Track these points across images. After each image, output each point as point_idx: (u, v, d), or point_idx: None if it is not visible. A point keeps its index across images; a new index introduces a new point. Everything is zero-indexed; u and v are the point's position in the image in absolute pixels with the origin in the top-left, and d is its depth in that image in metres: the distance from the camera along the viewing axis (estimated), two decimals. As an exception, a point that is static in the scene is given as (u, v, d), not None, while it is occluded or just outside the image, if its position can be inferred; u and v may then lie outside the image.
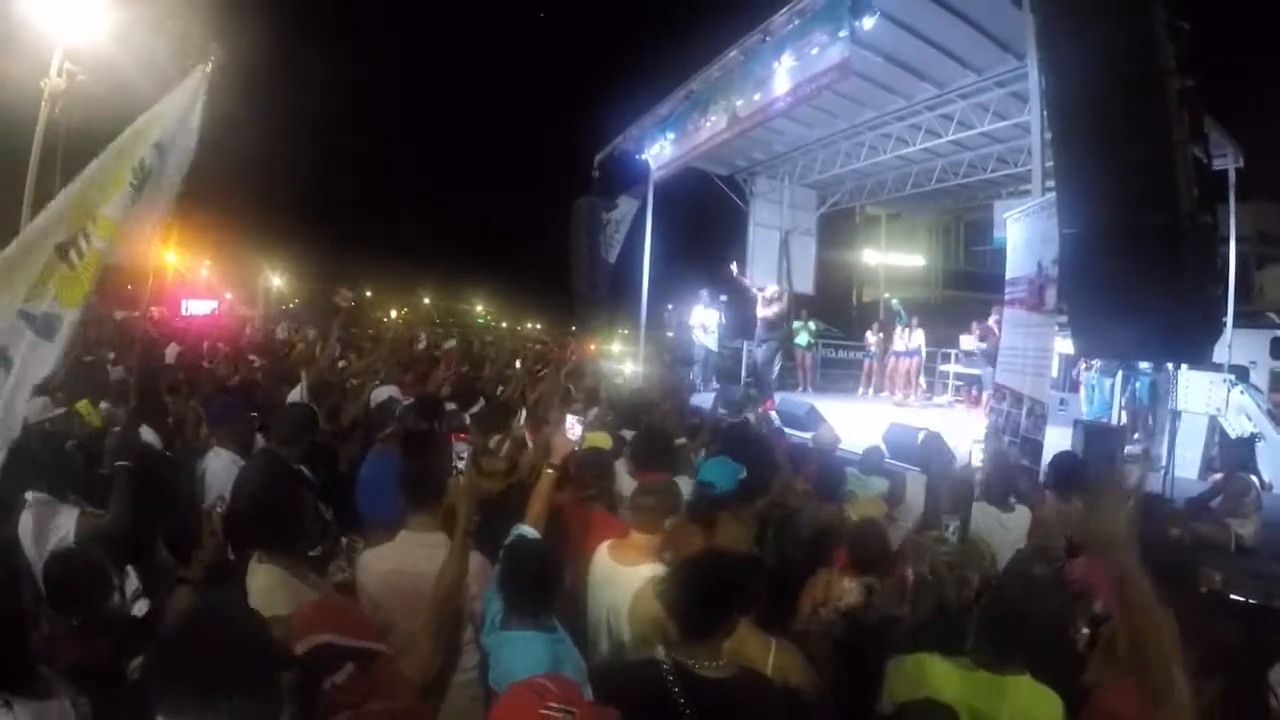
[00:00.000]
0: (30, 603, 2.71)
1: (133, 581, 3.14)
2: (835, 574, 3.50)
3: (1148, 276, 5.55)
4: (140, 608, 3.10)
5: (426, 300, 70.84)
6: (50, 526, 3.34)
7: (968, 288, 25.33)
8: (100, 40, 13.71)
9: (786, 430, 8.36)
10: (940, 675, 2.41)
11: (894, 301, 16.24)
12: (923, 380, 15.55)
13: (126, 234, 3.71)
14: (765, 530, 4.47)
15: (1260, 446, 8.98)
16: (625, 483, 4.47)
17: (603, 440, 5.00)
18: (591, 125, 23.18)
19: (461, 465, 3.03)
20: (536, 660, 2.63)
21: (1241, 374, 11.16)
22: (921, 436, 7.63)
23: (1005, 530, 4.66)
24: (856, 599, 3.32)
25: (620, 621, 3.13)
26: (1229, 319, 10.90)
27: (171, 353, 10.37)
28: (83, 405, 4.91)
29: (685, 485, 3.96)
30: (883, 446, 6.90)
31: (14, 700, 2.03)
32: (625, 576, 3.17)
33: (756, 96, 11.75)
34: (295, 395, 6.44)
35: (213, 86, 4.19)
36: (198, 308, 18.30)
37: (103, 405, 4.99)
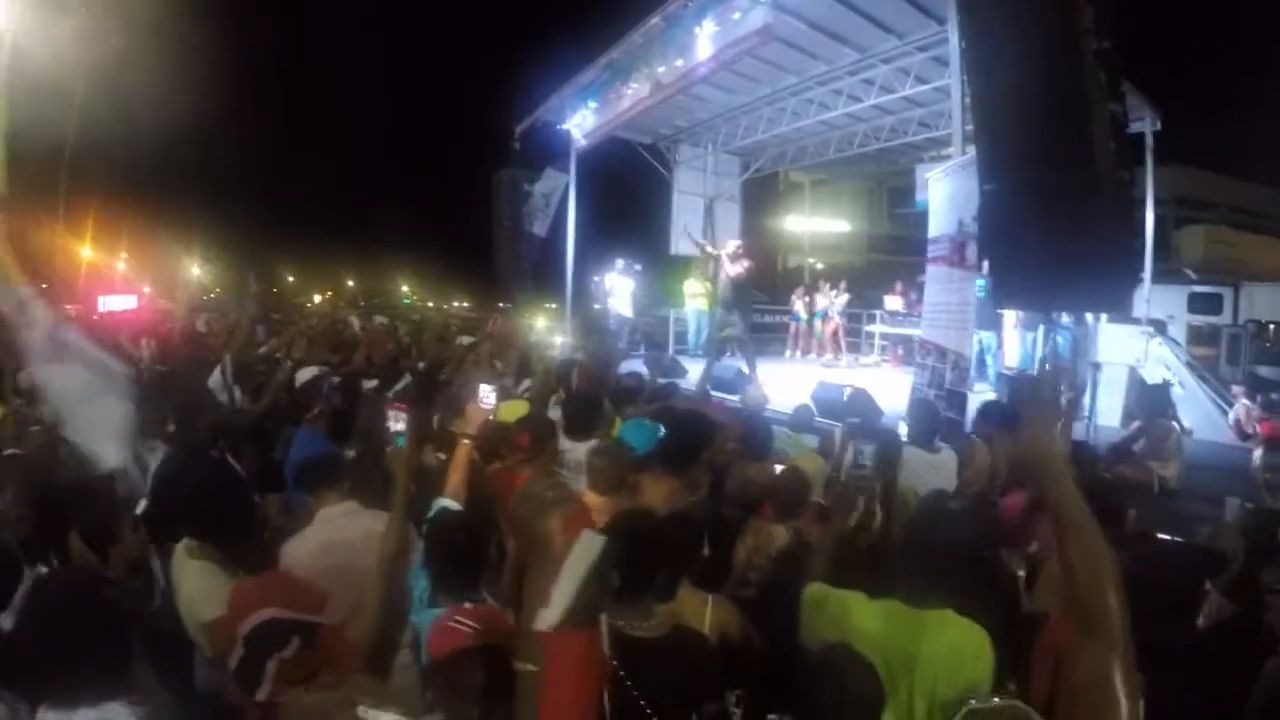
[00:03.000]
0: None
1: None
2: (763, 523, 3.55)
3: (1066, 230, 5.70)
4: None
5: (350, 283, 69.47)
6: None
7: (892, 251, 25.69)
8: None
9: (715, 393, 8.42)
10: (862, 614, 2.43)
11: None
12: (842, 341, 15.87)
13: None
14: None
15: (1180, 395, 9.37)
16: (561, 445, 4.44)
17: (520, 409, 4.97)
18: (511, 96, 22.91)
19: (396, 433, 2.96)
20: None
21: (1160, 327, 11.63)
22: (848, 393, 7.78)
23: (935, 471, 4.77)
24: (785, 543, 3.37)
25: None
26: (1147, 275, 11.33)
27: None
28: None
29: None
30: (811, 405, 7.01)
31: None
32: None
33: (679, 63, 11.71)
34: (215, 380, 6.27)
35: (121, 72, 4.00)
36: (116, 303, 17.51)
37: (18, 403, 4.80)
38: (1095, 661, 1.51)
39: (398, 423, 2.96)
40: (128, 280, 18.31)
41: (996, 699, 1.98)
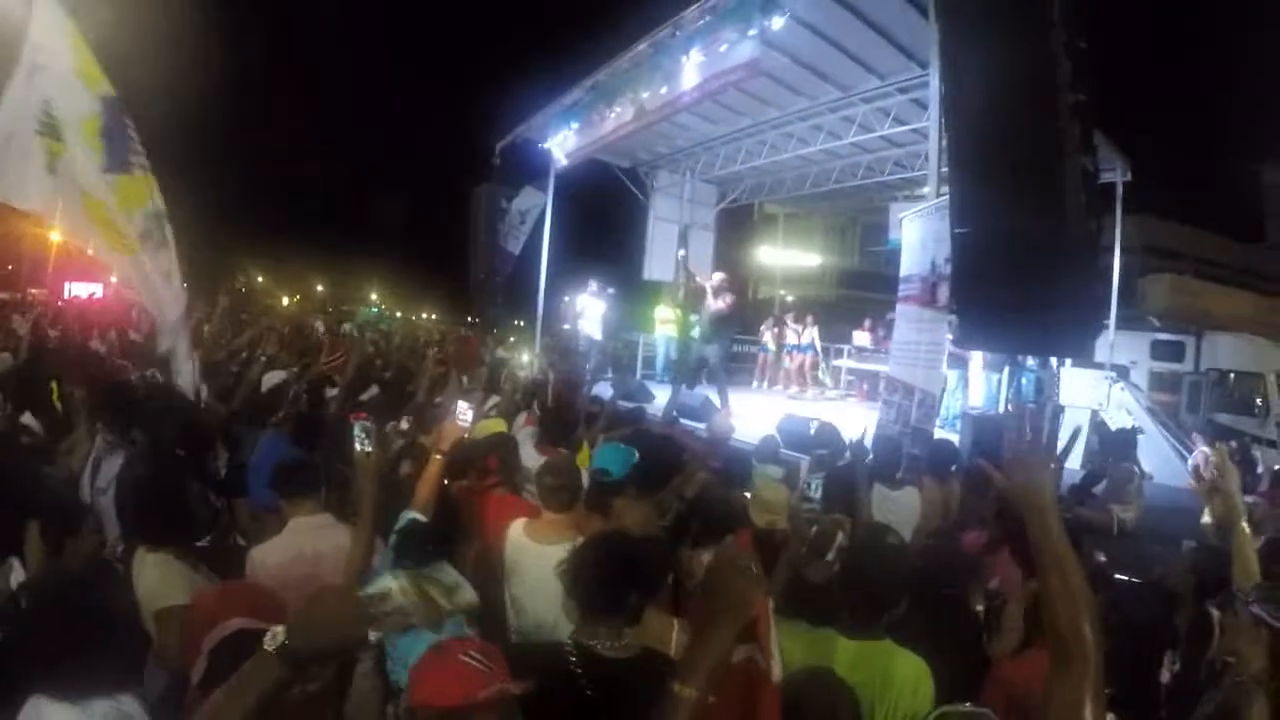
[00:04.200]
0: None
1: (19, 573, 2.99)
2: (690, 550, 3.58)
3: (1033, 276, 5.83)
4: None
5: (320, 287, 68.86)
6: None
7: (861, 287, 25.97)
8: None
9: (682, 420, 8.47)
10: (797, 643, 2.48)
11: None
12: (823, 375, 16.01)
13: None
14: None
15: (1141, 440, 9.58)
16: (530, 461, 4.47)
17: (497, 426, 5.00)
18: (493, 112, 22.98)
19: (362, 445, 2.97)
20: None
21: (1122, 372, 11.89)
22: (815, 426, 7.86)
23: (897, 507, 4.86)
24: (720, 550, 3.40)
25: (542, 599, 3.13)
26: (1112, 322, 11.57)
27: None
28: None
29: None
30: (777, 436, 7.08)
31: None
32: (543, 554, 3.17)
33: (663, 90, 11.78)
34: (185, 378, 6.23)
35: (105, 57, 3.99)
36: (81, 290, 17.24)
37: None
38: (1070, 689, 1.57)
39: (362, 432, 2.97)
40: (95, 267, 18.01)
41: (969, 704, 2.04)
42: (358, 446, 2.97)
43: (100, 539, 3.32)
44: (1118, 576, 4.06)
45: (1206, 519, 5.13)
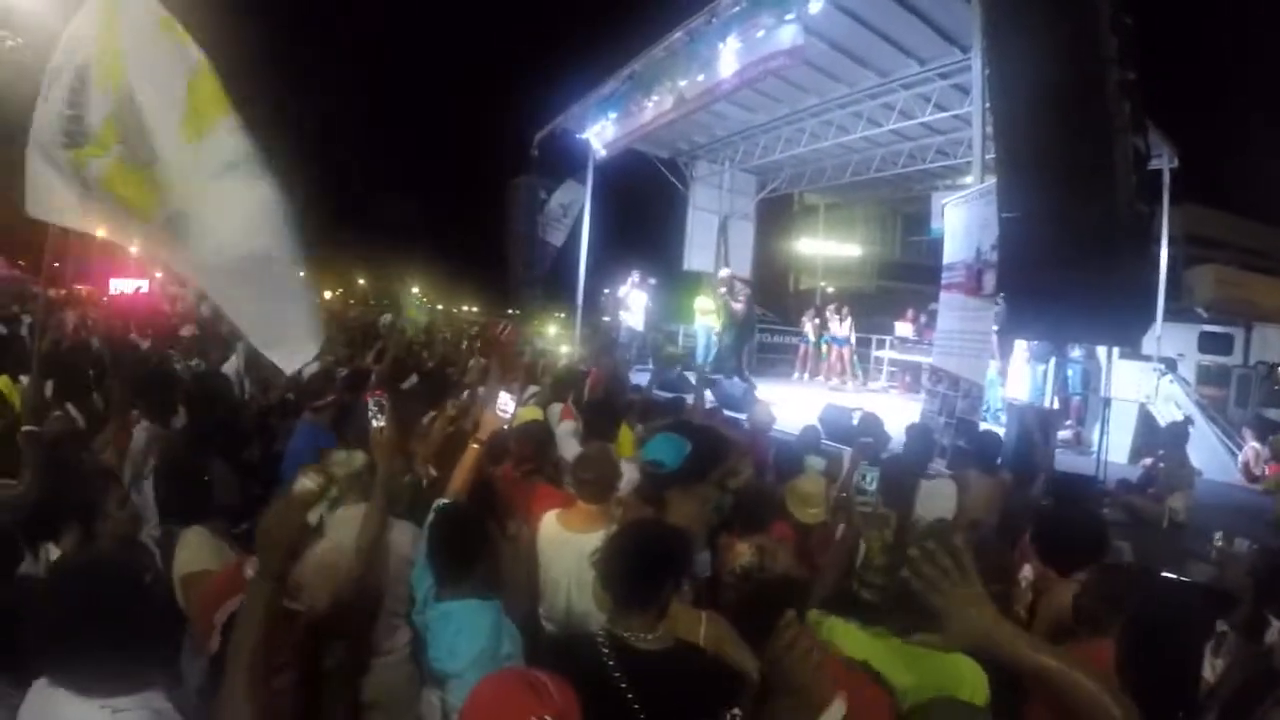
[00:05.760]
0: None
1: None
2: (730, 539, 3.57)
3: (1084, 261, 5.66)
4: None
5: (361, 281, 69.42)
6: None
7: (902, 278, 25.76)
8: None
9: (725, 410, 8.40)
10: (852, 642, 2.38)
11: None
12: (855, 367, 15.85)
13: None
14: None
15: (1190, 434, 9.33)
16: (572, 452, 4.43)
17: (534, 414, 4.96)
18: (532, 104, 22.88)
19: (375, 420, 2.97)
20: (486, 630, 2.60)
21: (1170, 365, 11.58)
22: (858, 417, 7.74)
23: (931, 498, 4.72)
24: (749, 560, 3.36)
25: (575, 588, 3.11)
26: (1159, 313, 11.29)
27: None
28: (2, 382, 4.70)
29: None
30: (819, 426, 6.97)
31: None
32: (577, 543, 3.14)
33: (700, 78, 11.69)
34: (229, 367, 6.29)
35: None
36: (125, 286, 17.51)
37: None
38: None
39: (375, 407, 2.97)
40: (139, 263, 18.28)
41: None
42: (372, 422, 2.96)
43: (135, 521, 3.32)
44: (1164, 574, 3.93)
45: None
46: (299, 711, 2.32)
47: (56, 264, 4.74)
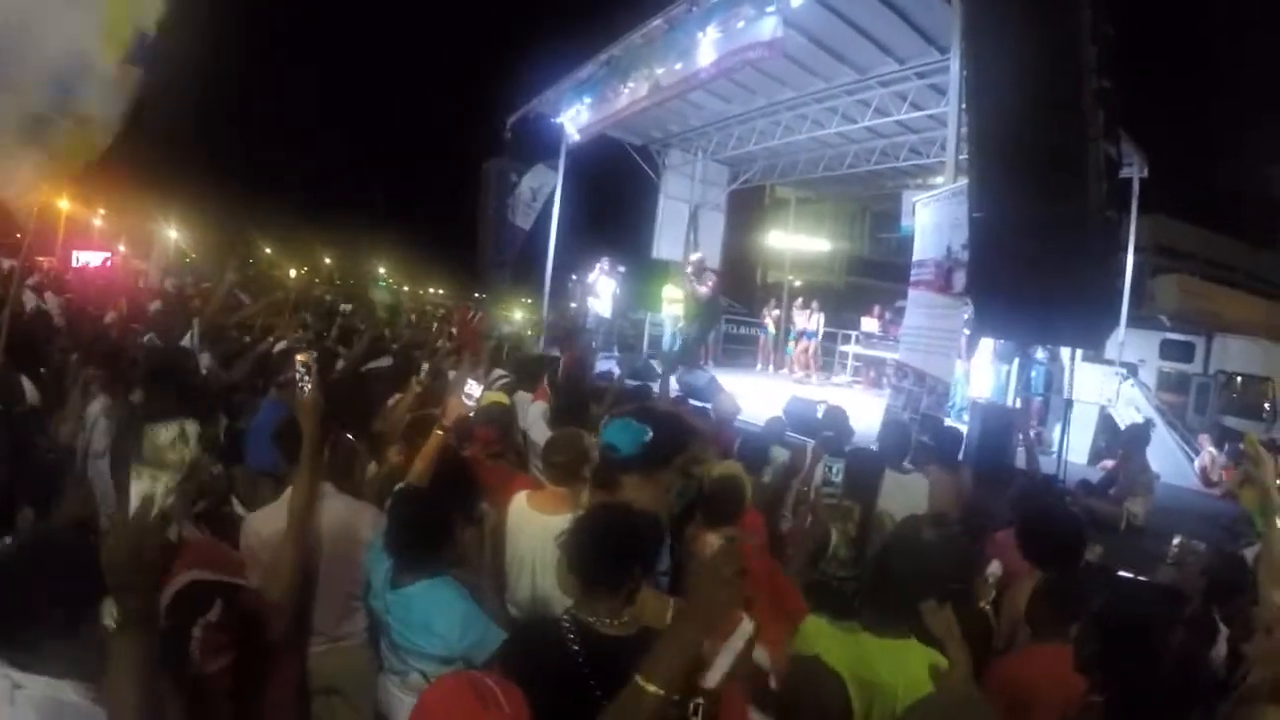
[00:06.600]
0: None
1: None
2: (700, 530, 3.56)
3: (1052, 263, 5.76)
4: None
5: (327, 260, 68.57)
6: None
7: (871, 275, 25.94)
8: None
9: (689, 400, 8.40)
10: (822, 639, 2.41)
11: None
12: (819, 362, 16.01)
13: None
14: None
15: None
16: (542, 438, 4.42)
17: (499, 399, 4.95)
18: (505, 86, 22.73)
19: (302, 383, 2.84)
20: (454, 606, 2.61)
21: (1131, 370, 11.80)
22: (822, 410, 7.78)
23: (905, 492, 4.77)
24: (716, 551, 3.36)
25: (539, 569, 3.11)
26: (1123, 319, 11.49)
27: (55, 303, 9.84)
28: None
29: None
30: (784, 418, 7.01)
31: None
32: (545, 524, 3.15)
33: (678, 66, 11.62)
34: (186, 342, 6.18)
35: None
36: (89, 259, 17.24)
37: None
38: None
39: (302, 368, 2.83)
40: (103, 236, 18.00)
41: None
42: (299, 385, 2.84)
43: (88, 504, 3.26)
44: (1121, 574, 4.01)
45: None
46: (238, 693, 2.28)
47: (18, 235, 4.63)
